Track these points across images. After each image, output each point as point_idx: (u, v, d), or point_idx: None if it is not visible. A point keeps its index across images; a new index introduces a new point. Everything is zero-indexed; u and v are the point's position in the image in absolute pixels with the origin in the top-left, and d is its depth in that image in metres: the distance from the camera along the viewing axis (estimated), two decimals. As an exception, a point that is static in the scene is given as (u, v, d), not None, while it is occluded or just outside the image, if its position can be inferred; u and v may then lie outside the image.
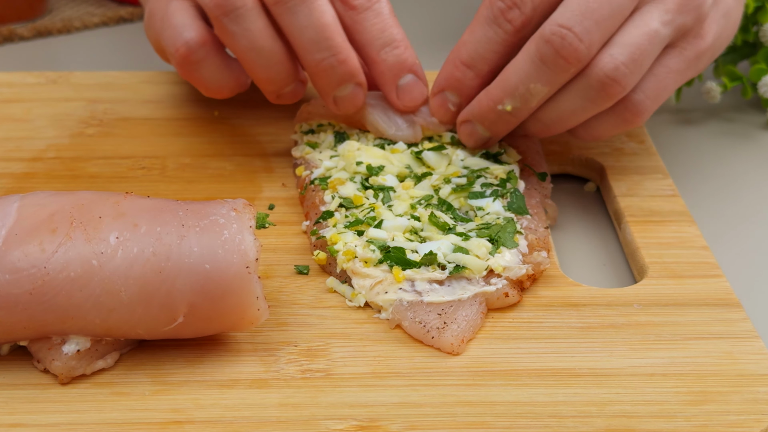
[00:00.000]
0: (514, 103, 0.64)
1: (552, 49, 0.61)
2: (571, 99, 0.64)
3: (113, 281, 0.52)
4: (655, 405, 0.53)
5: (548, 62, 0.62)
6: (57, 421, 0.51)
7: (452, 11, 1.08)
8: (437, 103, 0.69)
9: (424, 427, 0.52)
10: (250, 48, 0.66)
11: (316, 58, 0.66)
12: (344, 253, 0.60)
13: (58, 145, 0.75)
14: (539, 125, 0.67)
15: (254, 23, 0.65)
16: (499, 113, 0.65)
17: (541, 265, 0.61)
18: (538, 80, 0.63)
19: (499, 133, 0.68)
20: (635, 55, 0.62)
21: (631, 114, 0.66)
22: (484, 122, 0.67)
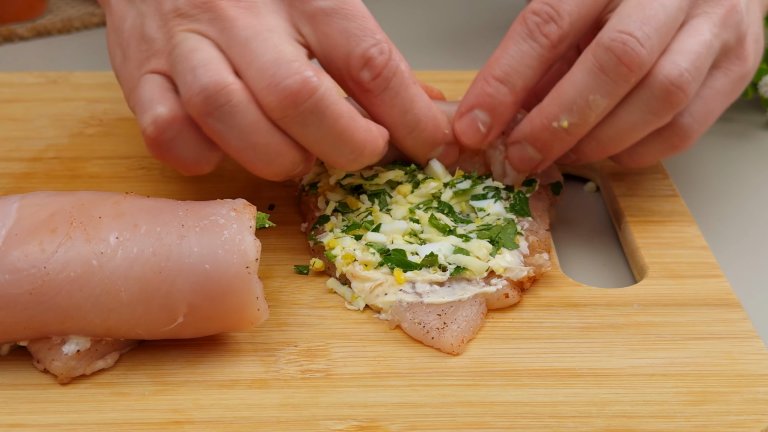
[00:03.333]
0: (571, 118, 0.61)
1: (613, 56, 0.59)
2: (631, 112, 0.61)
3: (113, 281, 0.52)
4: (655, 405, 0.53)
5: (609, 71, 0.59)
6: (57, 422, 0.51)
7: (452, 11, 1.08)
8: (466, 123, 0.64)
9: (424, 427, 0.52)
10: (244, 147, 0.57)
11: (340, 160, 0.60)
12: (343, 257, 0.60)
13: (58, 145, 0.75)
14: (594, 145, 0.63)
15: (245, 119, 0.56)
16: (554, 131, 0.61)
17: (543, 267, 0.61)
18: (597, 91, 0.60)
19: (552, 155, 0.63)
20: (696, 63, 0.60)
21: (679, 138, 0.63)
22: (536, 142, 0.63)
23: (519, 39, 0.62)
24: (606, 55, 0.59)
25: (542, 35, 0.61)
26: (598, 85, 0.60)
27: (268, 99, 0.56)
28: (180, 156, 0.59)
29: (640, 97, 0.61)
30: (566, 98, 0.60)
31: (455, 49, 0.97)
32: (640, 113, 0.61)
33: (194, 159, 0.59)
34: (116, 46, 0.63)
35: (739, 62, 0.64)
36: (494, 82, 0.62)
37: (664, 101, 0.60)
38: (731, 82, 0.64)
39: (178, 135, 0.58)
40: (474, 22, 1.05)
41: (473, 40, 1.00)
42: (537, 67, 0.62)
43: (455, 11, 1.08)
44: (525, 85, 0.62)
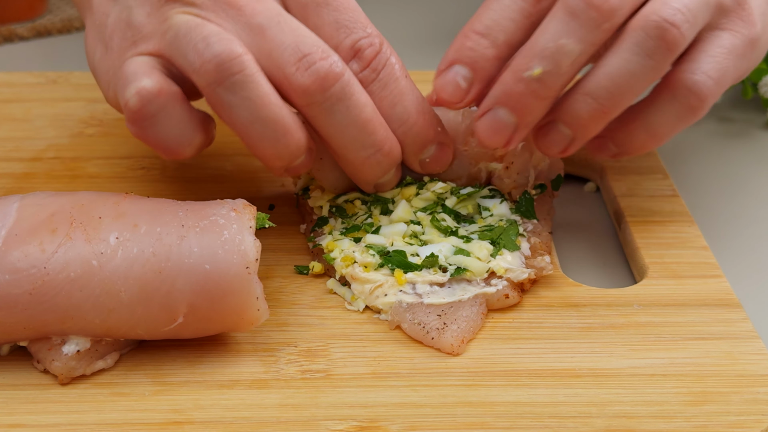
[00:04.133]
0: (543, 65, 0.57)
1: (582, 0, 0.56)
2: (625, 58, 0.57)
3: (113, 281, 0.52)
4: (655, 405, 0.53)
5: (579, 14, 0.56)
6: (57, 422, 0.51)
7: (451, 11, 1.08)
8: (446, 79, 0.60)
9: (424, 427, 0.52)
10: (252, 120, 0.56)
11: (361, 156, 0.59)
12: (342, 258, 0.60)
13: (58, 145, 0.75)
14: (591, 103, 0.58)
15: (256, 90, 0.55)
16: (527, 83, 0.57)
17: (544, 270, 0.61)
18: (568, 36, 0.56)
19: (527, 116, 0.59)
20: (689, 5, 0.57)
21: (696, 98, 0.59)
22: (509, 100, 0.58)
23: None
24: (575, 0, 0.57)
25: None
26: (568, 30, 0.57)
27: (296, 84, 0.56)
28: (162, 134, 0.57)
29: (632, 39, 0.57)
30: (536, 46, 0.57)
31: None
32: (636, 57, 0.57)
33: (176, 139, 0.57)
34: (97, 42, 0.61)
35: (744, 24, 0.61)
36: (475, 36, 0.59)
37: (658, 40, 0.57)
38: (741, 44, 0.61)
39: (162, 110, 0.56)
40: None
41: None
42: (519, 21, 0.59)
43: (454, 11, 1.08)
44: (507, 38, 0.59)
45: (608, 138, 0.63)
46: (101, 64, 0.61)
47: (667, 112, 0.61)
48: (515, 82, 0.58)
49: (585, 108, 0.58)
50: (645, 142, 0.62)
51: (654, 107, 0.61)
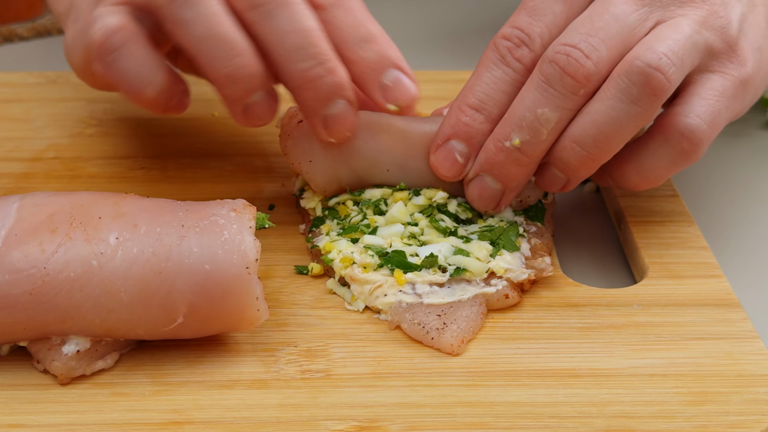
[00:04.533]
0: (522, 135, 0.58)
1: (557, 67, 0.58)
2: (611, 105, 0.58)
3: (113, 281, 0.52)
4: (655, 405, 0.53)
5: (554, 82, 0.58)
6: (57, 422, 0.51)
7: (451, 11, 1.08)
8: (442, 155, 0.61)
9: (424, 427, 0.52)
10: (206, 36, 0.56)
11: (301, 68, 0.58)
12: (341, 260, 0.60)
13: (57, 145, 0.75)
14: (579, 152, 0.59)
15: (211, 7, 0.56)
16: (508, 152, 0.59)
17: (544, 271, 0.61)
18: (545, 105, 0.58)
19: (511, 181, 0.61)
20: (675, 48, 0.58)
21: (689, 142, 0.60)
22: (493, 169, 0.60)
23: (491, 65, 0.60)
24: (550, 68, 0.58)
25: (515, 59, 0.60)
26: (545, 98, 0.58)
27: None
28: (124, 69, 0.58)
29: (617, 86, 0.58)
30: (515, 116, 0.59)
31: (455, 49, 0.97)
32: (621, 105, 0.58)
33: (138, 76, 0.58)
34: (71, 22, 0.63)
35: (735, 66, 0.62)
36: (469, 111, 0.60)
37: (643, 86, 0.57)
38: (732, 86, 0.61)
39: (125, 43, 0.58)
40: (474, 22, 1.05)
41: (473, 40, 1.00)
42: (511, 93, 0.60)
43: (455, 11, 1.08)
44: (500, 111, 0.60)
45: (605, 172, 0.64)
46: (71, 35, 0.62)
47: (660, 156, 0.61)
48: (497, 152, 0.60)
49: (573, 155, 0.59)
50: (638, 184, 0.63)
51: (647, 151, 0.61)
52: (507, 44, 0.60)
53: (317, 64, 0.58)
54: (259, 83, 0.58)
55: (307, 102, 0.59)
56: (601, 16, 0.59)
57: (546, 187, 0.63)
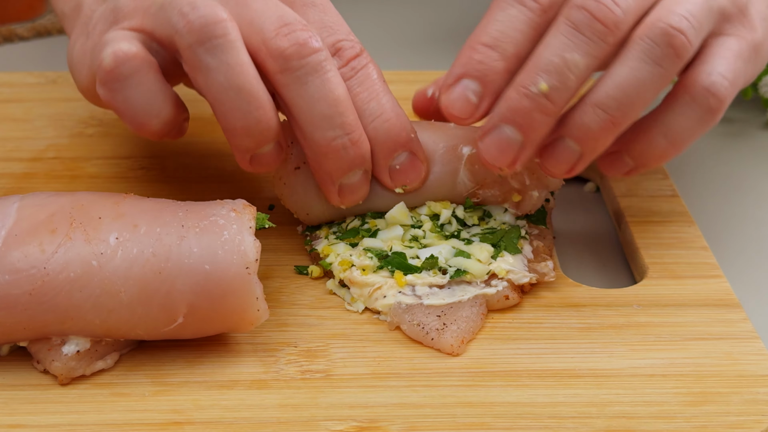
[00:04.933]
0: (549, 80, 0.55)
1: (586, 13, 0.55)
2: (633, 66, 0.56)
3: (113, 282, 0.52)
4: (655, 406, 0.53)
5: (584, 28, 0.55)
6: (57, 422, 0.51)
7: (450, 11, 1.08)
8: (455, 94, 0.58)
9: (424, 427, 0.52)
10: (227, 86, 0.55)
11: (327, 136, 0.57)
12: (340, 263, 0.60)
13: (58, 145, 0.75)
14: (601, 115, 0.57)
15: (236, 57, 0.55)
16: (533, 99, 0.56)
17: (546, 276, 0.61)
18: (574, 50, 0.55)
19: (534, 133, 0.57)
20: (693, 11, 0.57)
21: (716, 98, 0.58)
22: (515, 117, 0.56)
23: (505, 5, 0.58)
24: (579, 13, 0.56)
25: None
26: (573, 44, 0.55)
27: (273, 47, 0.56)
28: (131, 100, 0.56)
29: (640, 48, 0.56)
30: (542, 60, 0.56)
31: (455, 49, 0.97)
32: (644, 65, 0.56)
33: (144, 107, 0.57)
34: (79, 35, 0.62)
35: (746, 30, 0.61)
36: (483, 48, 0.57)
37: (666, 47, 0.56)
38: (747, 48, 0.60)
39: (134, 74, 0.56)
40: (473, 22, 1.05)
41: (473, 39, 1.00)
42: (528, 32, 0.57)
43: (454, 11, 1.08)
44: (516, 51, 0.57)
45: (623, 152, 0.61)
46: (80, 50, 0.61)
47: (687, 115, 0.59)
48: (521, 98, 0.56)
49: (595, 120, 0.57)
50: (665, 150, 0.60)
51: (672, 112, 0.59)
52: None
53: (343, 135, 0.57)
54: (272, 137, 0.57)
55: (328, 170, 0.59)
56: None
57: (554, 167, 0.59)
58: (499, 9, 0.58)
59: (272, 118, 0.57)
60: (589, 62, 0.56)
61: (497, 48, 0.57)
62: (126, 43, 0.56)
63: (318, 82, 0.56)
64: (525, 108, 0.56)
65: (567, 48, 0.56)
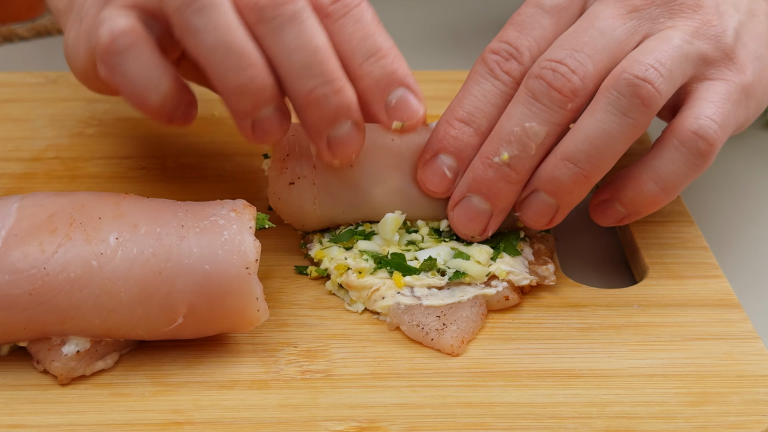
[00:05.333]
0: (510, 150, 0.58)
1: (543, 82, 0.57)
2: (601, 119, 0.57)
3: (113, 282, 0.52)
4: (655, 406, 0.53)
5: (541, 97, 0.57)
6: (57, 422, 0.51)
7: (450, 11, 1.08)
8: (430, 170, 0.60)
9: (424, 428, 0.52)
10: (216, 45, 0.54)
11: (308, 86, 0.56)
12: (336, 267, 0.60)
13: (58, 145, 0.75)
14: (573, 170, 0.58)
15: (223, 16, 0.54)
16: (497, 169, 0.58)
17: (546, 279, 0.61)
18: (533, 119, 0.57)
19: (500, 201, 0.59)
20: (662, 59, 0.57)
21: (705, 142, 0.58)
22: (481, 187, 0.59)
23: (480, 79, 0.60)
24: (536, 83, 0.57)
25: (503, 72, 0.59)
26: (532, 113, 0.58)
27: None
28: (129, 74, 0.56)
29: (606, 100, 0.57)
30: (503, 131, 0.58)
31: (455, 49, 0.97)
32: (612, 117, 0.57)
33: (143, 81, 0.56)
34: (74, 22, 0.61)
35: (733, 73, 0.61)
36: (458, 124, 0.60)
37: (632, 97, 0.56)
38: (735, 91, 0.60)
39: (132, 47, 0.56)
40: (473, 21, 1.05)
41: (473, 39, 1.00)
42: (501, 105, 0.59)
43: (455, 11, 1.08)
44: (489, 124, 0.59)
45: (614, 200, 0.61)
46: (75, 36, 0.61)
47: (677, 160, 0.59)
48: (485, 168, 0.58)
49: (566, 173, 0.58)
50: (656, 196, 0.60)
51: (662, 158, 0.60)
52: (496, 58, 0.60)
53: (324, 83, 0.56)
54: (269, 97, 0.56)
55: (312, 122, 0.57)
56: (586, 31, 0.58)
57: (532, 220, 0.60)
58: (474, 83, 0.60)
59: (266, 77, 0.55)
60: (549, 129, 0.58)
61: (472, 123, 0.59)
62: (121, 19, 0.56)
63: (295, 31, 0.55)
64: (489, 178, 0.59)
65: (526, 117, 0.58)
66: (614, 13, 0.59)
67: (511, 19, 0.61)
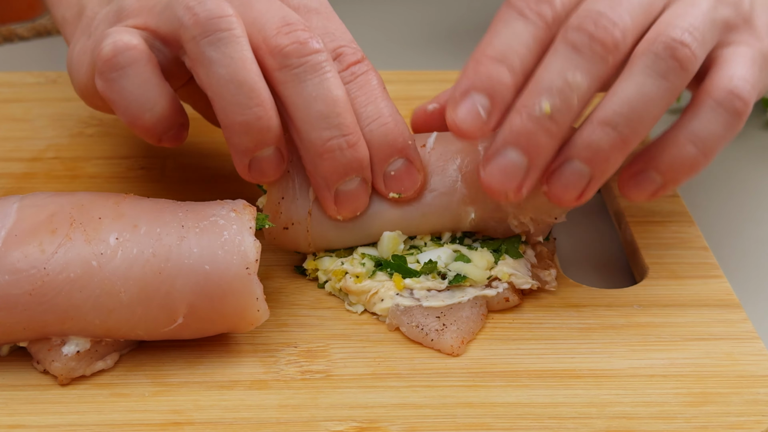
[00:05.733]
0: (552, 100, 0.54)
1: (585, 34, 0.55)
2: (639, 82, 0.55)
3: (113, 282, 0.52)
4: (655, 406, 0.53)
5: (583, 48, 0.55)
6: (57, 423, 0.51)
7: (450, 10, 1.08)
8: (465, 110, 0.56)
9: (424, 428, 0.52)
10: (229, 80, 0.54)
11: (324, 136, 0.56)
12: (333, 273, 0.60)
13: (57, 145, 0.75)
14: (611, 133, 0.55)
15: (239, 52, 0.55)
16: (537, 120, 0.55)
17: (547, 285, 0.61)
18: (574, 70, 0.55)
19: (539, 156, 0.56)
20: (695, 23, 0.56)
21: (741, 101, 0.57)
22: (519, 140, 0.55)
23: (509, 20, 0.56)
24: (577, 34, 0.55)
25: (535, 14, 0.56)
26: (574, 64, 0.55)
27: (273, 44, 0.55)
28: (126, 90, 0.56)
29: (644, 63, 0.55)
30: (543, 82, 0.55)
31: (455, 49, 0.97)
32: (650, 80, 0.55)
33: (139, 99, 0.56)
34: (80, 35, 0.61)
35: (754, 39, 0.60)
36: (490, 62, 0.56)
37: (670, 60, 0.55)
38: (759, 54, 0.59)
39: (132, 64, 0.56)
40: (473, 21, 1.05)
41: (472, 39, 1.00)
42: (533, 47, 0.56)
43: (455, 11, 1.08)
44: (523, 66, 0.56)
45: (650, 169, 0.59)
46: (80, 50, 0.61)
47: (715, 121, 0.57)
48: (525, 121, 0.55)
49: (605, 138, 0.55)
50: (696, 159, 0.58)
51: (699, 119, 0.58)
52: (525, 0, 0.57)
53: (340, 135, 0.56)
54: (272, 138, 0.56)
55: (324, 173, 0.57)
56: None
57: (563, 193, 0.57)
58: (503, 23, 0.57)
59: (272, 118, 0.56)
60: (591, 82, 0.55)
61: (504, 62, 0.56)
62: (127, 35, 0.56)
63: (316, 80, 0.56)
64: (529, 131, 0.55)
65: (568, 69, 0.55)
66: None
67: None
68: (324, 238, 0.60)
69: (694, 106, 0.58)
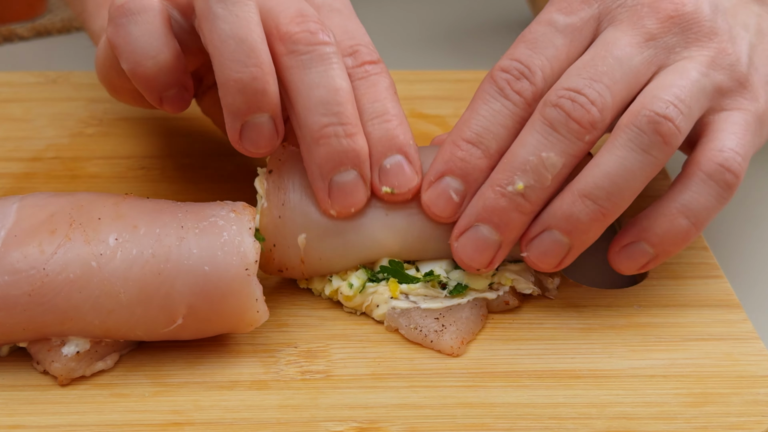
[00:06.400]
0: (525, 179, 0.55)
1: (562, 112, 0.55)
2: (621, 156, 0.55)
3: (112, 282, 0.52)
4: (655, 406, 0.53)
5: (559, 127, 0.55)
6: (56, 423, 0.51)
7: (450, 10, 1.08)
8: (436, 193, 0.57)
9: (424, 428, 0.52)
10: (229, 35, 0.54)
11: (321, 122, 0.55)
12: (330, 294, 0.59)
13: (57, 145, 0.75)
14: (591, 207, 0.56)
15: (246, 12, 0.54)
16: (510, 198, 0.55)
17: (549, 292, 0.61)
18: (550, 149, 0.55)
19: (511, 233, 0.56)
20: (681, 96, 0.56)
21: (731, 174, 0.57)
22: (492, 217, 0.56)
23: (489, 98, 0.57)
24: (554, 112, 0.55)
25: (514, 92, 0.57)
26: (550, 143, 0.55)
27: (284, 30, 0.56)
28: (132, 36, 0.56)
29: (626, 136, 0.55)
30: (518, 159, 0.55)
31: (454, 49, 0.97)
32: (632, 154, 0.55)
33: (144, 45, 0.56)
34: None
35: (749, 102, 0.59)
36: (466, 145, 0.57)
37: (653, 134, 0.55)
38: (752, 119, 0.59)
39: (142, 11, 0.56)
40: (473, 21, 1.05)
41: (472, 39, 1.00)
42: (511, 127, 0.57)
43: (454, 10, 1.08)
44: (499, 147, 0.57)
45: (641, 240, 0.58)
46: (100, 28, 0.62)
47: (705, 194, 0.57)
48: (498, 197, 0.56)
49: (584, 211, 0.55)
50: (687, 231, 0.57)
51: (690, 192, 0.57)
52: (506, 76, 0.57)
53: (338, 123, 0.56)
54: (267, 104, 0.55)
55: (319, 161, 0.56)
56: (604, 60, 0.56)
57: (541, 261, 0.57)
58: (483, 102, 0.57)
59: (269, 83, 0.55)
60: (566, 161, 0.55)
61: (480, 145, 0.57)
62: None
63: (321, 69, 0.55)
64: (502, 207, 0.56)
65: (543, 147, 0.55)
66: (631, 41, 0.57)
67: (522, 37, 0.59)
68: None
69: (685, 178, 0.58)
